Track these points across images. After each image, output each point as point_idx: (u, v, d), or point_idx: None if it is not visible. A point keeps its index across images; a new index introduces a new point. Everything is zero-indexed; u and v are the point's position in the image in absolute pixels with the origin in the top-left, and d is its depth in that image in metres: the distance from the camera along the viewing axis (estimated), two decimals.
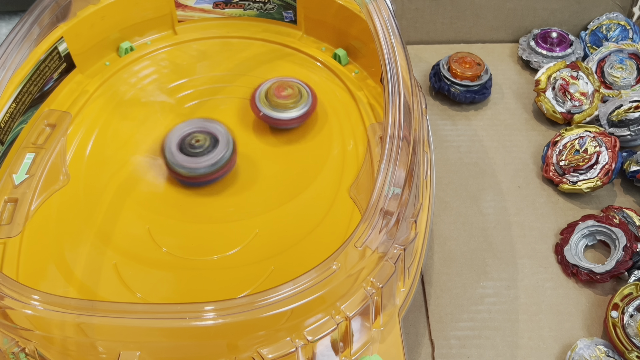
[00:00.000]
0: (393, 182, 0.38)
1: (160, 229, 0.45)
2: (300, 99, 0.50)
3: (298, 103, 0.50)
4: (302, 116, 0.50)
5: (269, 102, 0.50)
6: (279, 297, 0.33)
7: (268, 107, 0.50)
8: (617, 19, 0.68)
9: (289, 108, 0.50)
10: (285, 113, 0.50)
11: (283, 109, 0.50)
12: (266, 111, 0.50)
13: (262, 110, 0.50)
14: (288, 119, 0.50)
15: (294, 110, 0.50)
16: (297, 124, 0.51)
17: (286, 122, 0.50)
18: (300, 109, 0.50)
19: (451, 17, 0.70)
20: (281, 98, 0.50)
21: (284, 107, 0.50)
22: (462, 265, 0.52)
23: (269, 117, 0.50)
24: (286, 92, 0.50)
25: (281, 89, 0.50)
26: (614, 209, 0.54)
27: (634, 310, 0.46)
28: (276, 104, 0.50)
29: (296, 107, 0.50)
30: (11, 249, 0.43)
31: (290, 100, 0.50)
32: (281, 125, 0.50)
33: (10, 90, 0.48)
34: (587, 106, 0.61)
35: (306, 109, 0.50)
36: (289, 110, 0.50)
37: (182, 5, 0.59)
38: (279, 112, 0.50)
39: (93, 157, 0.49)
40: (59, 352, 0.34)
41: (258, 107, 0.50)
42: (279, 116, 0.50)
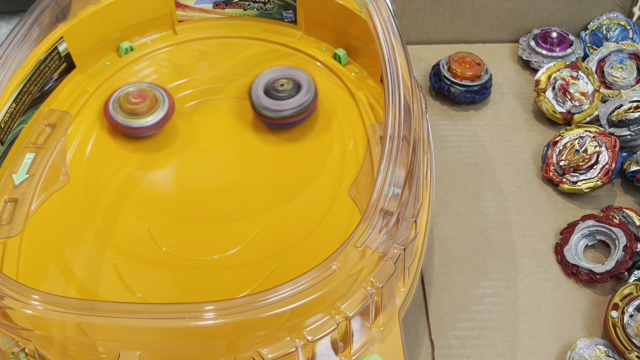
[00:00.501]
0: (393, 182, 0.38)
1: (160, 229, 0.45)
2: (156, 104, 0.49)
3: (153, 109, 0.49)
4: (159, 122, 0.49)
5: (121, 109, 0.49)
6: (279, 297, 0.33)
7: (121, 115, 0.49)
8: (617, 19, 0.69)
9: (143, 115, 0.49)
10: (138, 120, 0.49)
11: (136, 116, 0.49)
12: (119, 120, 0.49)
13: (115, 118, 0.49)
14: (143, 127, 0.49)
15: (150, 117, 0.49)
16: (155, 130, 0.50)
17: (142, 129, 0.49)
18: (157, 116, 0.49)
19: (451, 17, 0.70)
20: (133, 104, 0.49)
21: (137, 114, 0.49)
22: (462, 265, 0.52)
23: (123, 125, 0.49)
24: (138, 99, 0.49)
25: (134, 96, 0.49)
26: (614, 209, 0.54)
27: (634, 310, 0.46)
28: (129, 110, 0.49)
29: (152, 113, 0.49)
30: (11, 249, 0.43)
31: (142, 106, 0.49)
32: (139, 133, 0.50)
33: (10, 90, 0.48)
34: (587, 106, 0.61)
35: (163, 114, 0.49)
36: (143, 117, 0.49)
37: (182, 5, 0.59)
38: (133, 120, 0.49)
39: (93, 157, 0.49)
40: (59, 352, 0.34)
41: (111, 115, 0.49)
42: (132, 124, 0.49)
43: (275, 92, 0.50)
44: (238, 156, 0.50)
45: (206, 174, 0.49)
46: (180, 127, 0.52)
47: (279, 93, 0.49)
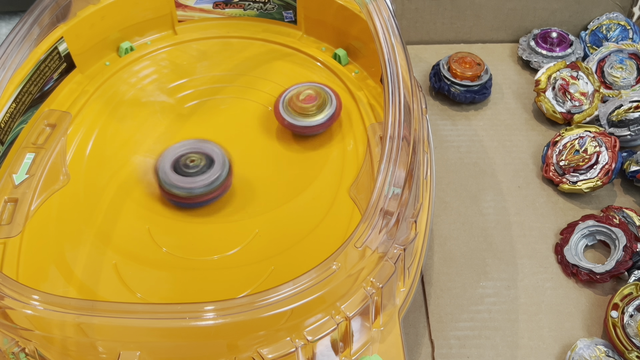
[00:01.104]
0: (393, 182, 0.38)
1: (160, 229, 0.45)
2: (324, 103, 0.50)
3: (322, 108, 0.50)
4: (328, 121, 0.50)
5: (291, 109, 0.50)
6: (279, 297, 0.33)
7: (291, 115, 0.49)
8: (617, 19, 0.68)
9: (313, 115, 0.49)
10: (308, 120, 0.49)
11: (307, 116, 0.49)
12: (290, 119, 0.49)
13: (286, 118, 0.49)
14: (313, 126, 0.49)
15: (319, 116, 0.49)
16: (323, 129, 0.50)
17: (311, 128, 0.50)
18: (326, 114, 0.50)
19: (451, 17, 0.70)
20: (304, 103, 0.50)
21: (309, 114, 0.49)
22: (462, 265, 0.52)
23: (294, 124, 0.49)
24: (309, 98, 0.50)
25: (303, 96, 0.50)
26: (614, 209, 0.54)
27: (634, 310, 0.46)
28: (299, 111, 0.50)
29: (321, 112, 0.50)
30: (11, 249, 0.43)
31: (313, 107, 0.50)
32: (307, 132, 0.50)
33: (10, 90, 0.48)
34: (587, 106, 0.61)
35: (331, 112, 0.50)
36: (313, 116, 0.49)
37: (182, 5, 0.59)
38: (303, 120, 0.49)
39: (93, 157, 0.49)
40: (59, 352, 0.34)
41: (282, 115, 0.50)
42: (303, 123, 0.49)
43: (185, 167, 0.45)
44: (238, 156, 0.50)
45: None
46: (180, 127, 0.52)
47: (189, 169, 0.45)
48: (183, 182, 0.44)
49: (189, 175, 0.45)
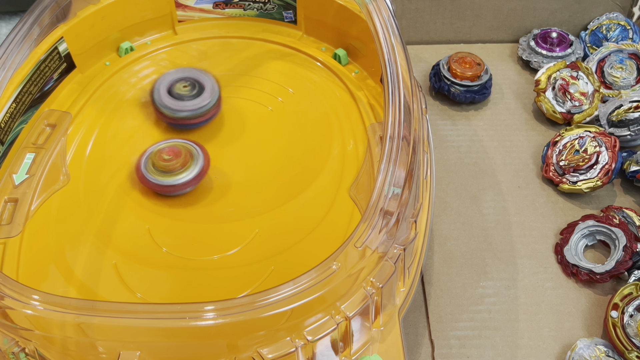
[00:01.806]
0: (393, 182, 0.38)
1: (160, 229, 0.45)
2: (191, 159, 0.46)
3: (187, 166, 0.46)
4: (195, 178, 0.46)
5: (155, 168, 0.46)
6: (279, 297, 0.33)
7: (155, 174, 0.45)
8: (617, 19, 0.69)
9: (178, 173, 0.45)
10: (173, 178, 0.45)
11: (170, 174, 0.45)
12: (153, 179, 0.45)
13: (149, 179, 0.45)
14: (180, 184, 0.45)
15: (184, 174, 0.45)
16: (192, 187, 0.46)
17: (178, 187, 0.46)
18: (191, 172, 0.46)
19: (451, 17, 0.70)
20: (166, 162, 0.46)
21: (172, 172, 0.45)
22: (462, 265, 0.52)
23: (159, 185, 0.45)
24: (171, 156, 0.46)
25: (166, 153, 0.46)
26: (614, 209, 0.54)
27: (634, 310, 0.46)
28: (163, 168, 0.45)
29: (186, 170, 0.46)
30: (11, 249, 0.43)
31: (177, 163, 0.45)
32: (173, 191, 0.46)
33: (10, 90, 0.48)
34: (587, 106, 0.61)
35: (197, 169, 0.46)
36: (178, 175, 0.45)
37: (182, 5, 0.59)
38: (168, 178, 0.45)
39: (93, 157, 0.49)
40: (59, 352, 0.34)
41: (145, 176, 0.45)
42: (168, 182, 0.45)
43: (178, 92, 0.50)
44: (238, 156, 0.50)
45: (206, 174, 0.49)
46: None
47: (181, 93, 0.50)
48: (174, 104, 0.49)
49: (181, 99, 0.50)
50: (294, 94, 0.55)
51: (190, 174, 0.46)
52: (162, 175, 0.45)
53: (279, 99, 0.54)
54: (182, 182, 0.45)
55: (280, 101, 0.54)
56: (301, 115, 0.53)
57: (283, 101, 0.54)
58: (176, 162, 0.46)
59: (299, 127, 0.52)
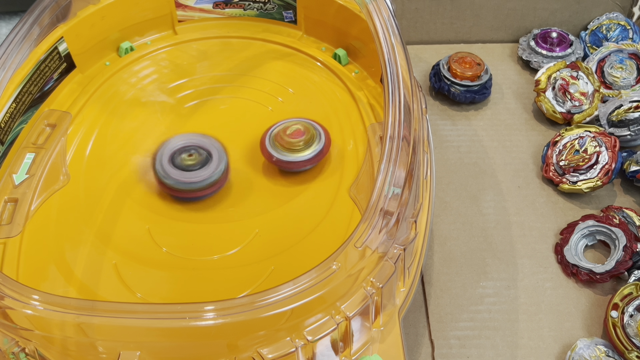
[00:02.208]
0: (393, 182, 0.38)
1: (160, 229, 0.45)
2: (312, 139, 0.48)
3: (310, 144, 0.47)
4: (316, 156, 0.47)
5: (278, 144, 0.47)
6: (279, 297, 0.33)
7: (278, 151, 0.47)
8: (617, 19, 0.69)
9: (300, 150, 0.47)
10: (296, 155, 0.47)
11: (294, 151, 0.47)
12: (278, 155, 0.47)
13: (274, 154, 0.47)
14: (301, 161, 0.47)
15: (307, 151, 0.47)
16: (311, 165, 0.48)
17: (299, 164, 0.47)
18: (314, 149, 0.47)
19: (451, 17, 0.70)
20: (291, 138, 0.47)
21: (296, 149, 0.47)
22: (462, 265, 0.52)
23: (282, 160, 0.47)
24: (296, 133, 0.47)
25: (291, 130, 0.48)
26: (614, 209, 0.54)
27: (634, 310, 0.46)
28: (286, 146, 0.47)
29: (309, 147, 0.47)
30: (11, 249, 0.43)
31: (300, 142, 0.47)
32: (294, 168, 0.48)
33: (10, 90, 0.48)
34: (587, 106, 0.61)
35: (320, 147, 0.47)
36: (301, 151, 0.47)
37: (182, 5, 0.59)
38: (290, 155, 0.47)
39: (93, 157, 0.49)
40: (59, 352, 0.34)
41: (269, 151, 0.47)
42: (290, 159, 0.47)
43: (183, 162, 0.46)
44: (238, 156, 0.50)
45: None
46: (180, 127, 0.52)
47: (187, 164, 0.45)
48: (181, 176, 0.45)
49: (187, 170, 0.45)
50: (294, 94, 0.55)
51: (313, 152, 0.47)
52: (286, 152, 0.47)
53: (279, 99, 0.54)
54: (304, 159, 0.47)
55: (280, 101, 0.54)
56: (301, 115, 0.53)
57: (283, 101, 0.54)
58: (300, 141, 0.47)
59: None
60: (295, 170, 0.48)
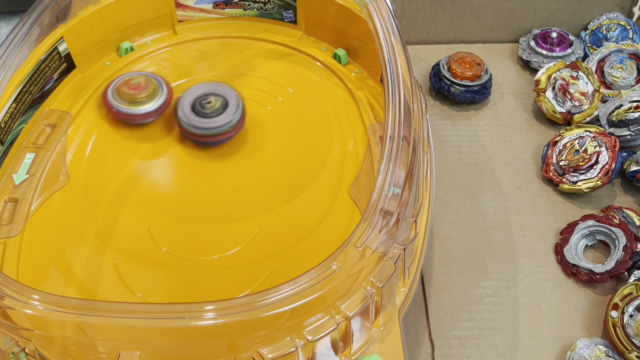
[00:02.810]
0: (393, 182, 0.38)
1: (160, 229, 0.45)
2: (154, 92, 0.50)
3: (152, 96, 0.50)
4: (159, 109, 0.50)
5: (121, 97, 0.50)
6: (279, 297, 0.33)
7: (121, 102, 0.50)
8: (617, 19, 0.69)
9: (142, 102, 0.50)
10: (138, 107, 0.50)
11: (136, 103, 0.50)
12: (119, 107, 0.50)
13: (114, 106, 0.50)
14: (143, 114, 0.50)
15: (149, 104, 0.50)
16: (154, 117, 0.50)
17: (141, 116, 0.50)
18: (156, 102, 0.50)
19: (451, 17, 0.70)
20: (132, 90, 0.50)
21: (137, 101, 0.50)
22: (462, 265, 0.52)
23: (122, 112, 0.50)
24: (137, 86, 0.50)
25: (131, 84, 0.50)
26: (614, 209, 0.54)
27: (634, 310, 0.46)
28: (129, 98, 0.50)
29: (151, 100, 0.50)
30: (11, 249, 0.43)
31: (142, 94, 0.50)
32: (137, 120, 0.50)
33: (10, 90, 0.48)
34: (587, 106, 0.61)
35: (162, 100, 0.50)
36: (143, 104, 0.50)
37: (182, 5, 0.59)
38: (133, 107, 0.50)
39: (93, 157, 0.49)
40: (59, 352, 0.34)
41: (110, 103, 0.50)
42: (132, 111, 0.50)
43: (202, 108, 0.49)
44: (238, 156, 0.50)
45: (206, 174, 0.49)
46: None
47: (206, 110, 0.49)
48: (201, 122, 0.48)
49: (206, 116, 0.49)
50: (294, 94, 0.55)
51: (155, 104, 0.49)
52: (128, 105, 0.49)
53: (279, 99, 0.54)
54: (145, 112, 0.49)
55: (280, 101, 0.54)
56: (301, 115, 0.53)
57: (283, 101, 0.54)
58: (141, 93, 0.49)
59: (299, 127, 0.52)
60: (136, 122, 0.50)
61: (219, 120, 0.48)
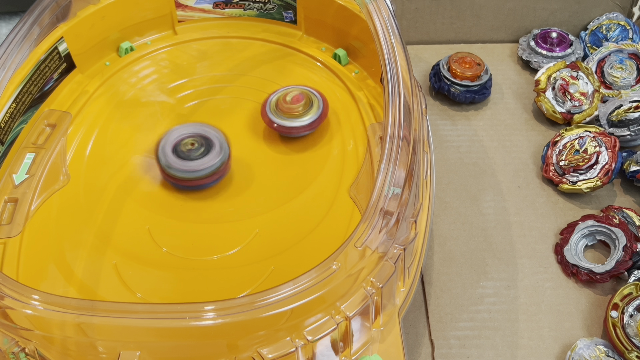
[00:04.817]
0: (393, 182, 0.38)
1: (160, 229, 0.45)
2: (312, 105, 0.50)
3: (309, 110, 0.50)
4: (315, 122, 0.50)
5: (279, 111, 0.50)
6: (279, 297, 0.33)
7: (279, 117, 0.49)
8: (617, 19, 0.69)
9: (300, 116, 0.49)
10: (296, 121, 0.49)
11: (294, 117, 0.49)
12: (279, 121, 0.49)
13: (275, 121, 0.49)
14: (300, 127, 0.49)
15: (306, 118, 0.49)
16: (310, 130, 0.50)
17: (299, 129, 0.49)
18: (313, 116, 0.50)
19: (451, 17, 0.70)
20: (291, 104, 0.50)
21: (295, 115, 0.49)
22: (462, 265, 0.52)
23: (283, 126, 0.49)
24: (295, 100, 0.50)
25: (290, 98, 0.50)
26: (614, 209, 0.54)
27: (634, 310, 0.46)
28: (287, 112, 0.49)
29: (307, 114, 0.50)
30: (11, 249, 0.43)
31: (299, 107, 0.49)
32: (294, 133, 0.50)
33: (10, 90, 0.48)
34: (587, 106, 0.61)
35: (319, 113, 0.50)
36: (300, 118, 0.49)
37: (182, 5, 0.60)
38: (291, 121, 0.49)
39: (93, 157, 0.49)
40: (59, 352, 0.34)
41: (270, 118, 0.50)
42: (291, 125, 0.49)
43: (185, 151, 0.46)
44: (238, 156, 0.50)
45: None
46: None
47: (189, 153, 0.46)
48: (182, 165, 0.46)
49: (189, 159, 0.46)
50: None
51: (312, 117, 0.49)
52: (286, 118, 0.49)
53: None
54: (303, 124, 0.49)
55: None
56: None
57: None
58: (299, 106, 0.49)
59: None
60: (295, 135, 0.50)
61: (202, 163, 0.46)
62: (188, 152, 0.46)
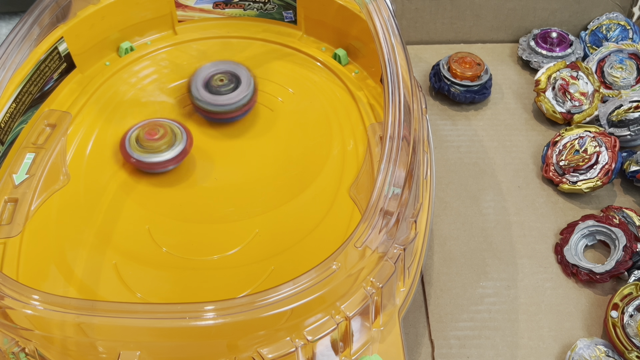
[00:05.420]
0: (393, 182, 0.38)
1: (160, 229, 0.45)
2: (175, 139, 0.48)
3: (171, 144, 0.47)
4: (178, 156, 0.47)
5: (140, 146, 0.47)
6: (279, 297, 0.33)
7: (139, 152, 0.47)
8: (617, 19, 0.69)
9: (162, 151, 0.47)
10: (158, 156, 0.47)
11: (155, 152, 0.47)
12: (138, 156, 0.47)
13: (132, 155, 0.47)
14: (162, 162, 0.47)
15: (168, 152, 0.47)
16: (173, 165, 0.48)
17: (160, 164, 0.47)
18: (174, 149, 0.47)
19: (451, 17, 0.70)
20: (152, 141, 0.47)
21: (156, 150, 0.47)
22: (462, 265, 0.52)
23: (142, 162, 0.47)
24: (158, 135, 0.47)
25: (152, 132, 0.47)
26: (614, 209, 0.54)
27: (634, 310, 0.46)
28: (148, 147, 0.47)
29: (169, 148, 0.47)
30: (11, 249, 0.43)
31: (162, 142, 0.47)
32: (155, 168, 0.48)
33: (10, 90, 0.48)
34: (587, 106, 0.61)
35: (182, 147, 0.48)
36: (162, 153, 0.47)
37: (182, 5, 0.59)
38: (152, 156, 0.47)
39: (93, 157, 0.49)
40: (59, 352, 0.34)
41: (129, 152, 0.47)
42: (152, 160, 0.47)
43: (215, 87, 0.50)
44: (238, 156, 0.50)
45: (206, 174, 0.49)
46: None
47: (219, 88, 0.50)
48: (214, 100, 0.50)
49: (219, 94, 0.50)
50: (294, 94, 0.55)
51: (173, 152, 0.48)
52: (145, 153, 0.47)
53: (279, 99, 0.54)
54: (164, 159, 0.47)
55: (280, 101, 0.54)
56: (301, 115, 0.53)
57: (283, 101, 0.54)
58: (160, 141, 0.48)
59: (299, 127, 0.52)
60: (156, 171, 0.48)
61: (232, 98, 0.50)
62: (218, 87, 0.50)
